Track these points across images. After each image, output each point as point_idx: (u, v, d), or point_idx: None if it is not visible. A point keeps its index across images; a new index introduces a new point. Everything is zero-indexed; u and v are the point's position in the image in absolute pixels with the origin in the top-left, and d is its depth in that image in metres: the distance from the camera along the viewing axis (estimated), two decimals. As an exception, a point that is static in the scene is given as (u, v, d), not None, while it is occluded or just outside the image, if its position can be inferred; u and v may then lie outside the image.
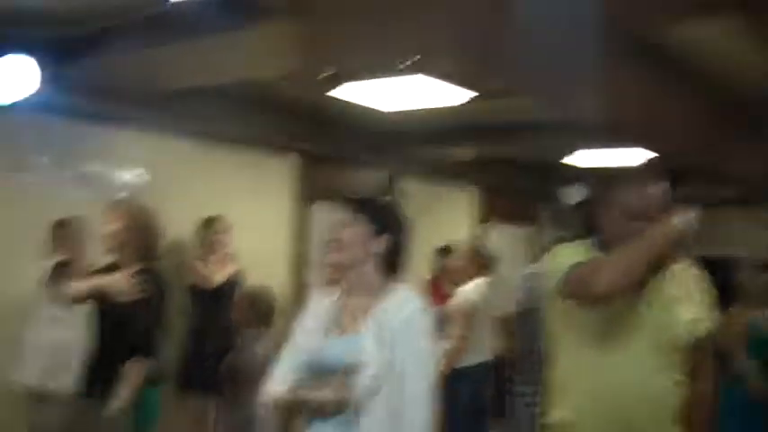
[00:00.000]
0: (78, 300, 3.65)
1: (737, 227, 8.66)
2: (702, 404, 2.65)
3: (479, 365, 5.11)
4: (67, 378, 4.06)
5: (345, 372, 2.24)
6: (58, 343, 4.25)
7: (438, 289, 6.37)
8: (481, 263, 5.29)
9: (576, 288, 2.33)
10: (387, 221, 2.43)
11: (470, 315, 4.98)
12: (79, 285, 3.64)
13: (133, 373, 3.39)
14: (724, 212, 8.62)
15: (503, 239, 8.37)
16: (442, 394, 4.73)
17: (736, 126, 5.51)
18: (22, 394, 4.30)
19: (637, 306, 2.40)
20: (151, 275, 3.51)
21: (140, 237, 3.56)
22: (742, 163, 5.96)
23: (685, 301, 2.49)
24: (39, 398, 4.25)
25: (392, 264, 2.44)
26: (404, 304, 2.34)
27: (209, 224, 5.42)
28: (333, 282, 2.63)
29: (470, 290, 5.06)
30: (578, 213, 8.84)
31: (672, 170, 8.23)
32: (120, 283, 3.45)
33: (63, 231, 4.48)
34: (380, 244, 2.40)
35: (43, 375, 4.23)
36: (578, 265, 2.35)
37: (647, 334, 2.43)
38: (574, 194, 8.25)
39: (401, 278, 2.48)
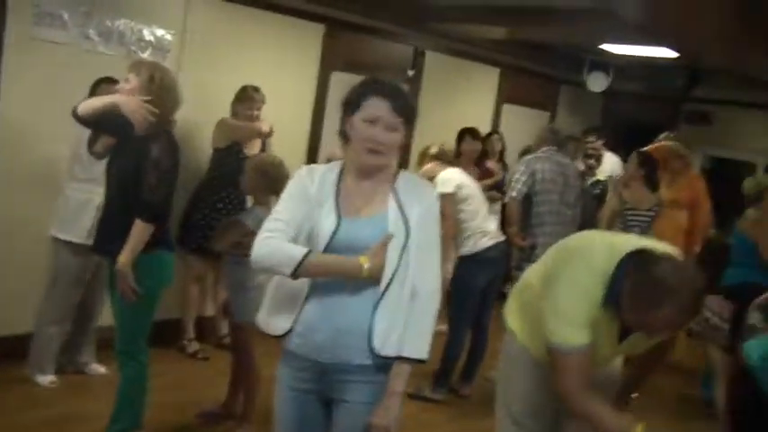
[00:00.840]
0: (89, 116, 3.55)
1: (761, 131, 8.59)
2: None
3: (485, 250, 5.12)
4: (88, 232, 4.29)
5: (382, 244, 2.37)
6: (85, 199, 4.37)
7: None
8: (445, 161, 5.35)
9: (557, 363, 2.52)
10: (414, 119, 2.49)
11: (450, 205, 4.98)
12: (93, 101, 3.62)
13: (136, 233, 3.42)
14: (747, 116, 8.51)
15: (518, 120, 8.40)
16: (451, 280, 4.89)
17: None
18: (49, 241, 4.50)
19: None
20: (165, 136, 3.51)
21: (157, 97, 3.51)
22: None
23: None
24: (63, 247, 4.44)
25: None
26: (423, 191, 2.53)
27: (245, 96, 5.35)
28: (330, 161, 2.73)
29: (444, 180, 5.08)
30: (597, 101, 8.86)
31: (696, 70, 8.10)
32: (132, 103, 3.46)
33: (103, 90, 4.33)
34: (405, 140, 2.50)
35: (68, 228, 4.40)
36: (580, 350, 2.46)
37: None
38: (597, 82, 8.23)
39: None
